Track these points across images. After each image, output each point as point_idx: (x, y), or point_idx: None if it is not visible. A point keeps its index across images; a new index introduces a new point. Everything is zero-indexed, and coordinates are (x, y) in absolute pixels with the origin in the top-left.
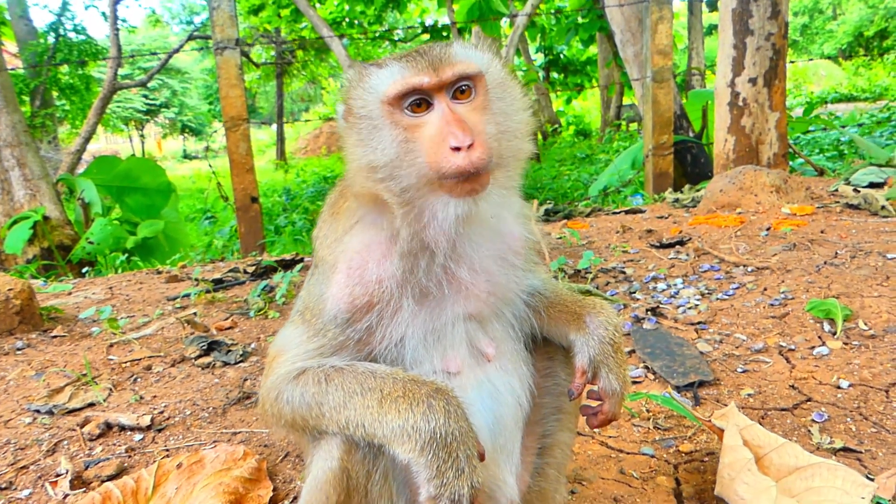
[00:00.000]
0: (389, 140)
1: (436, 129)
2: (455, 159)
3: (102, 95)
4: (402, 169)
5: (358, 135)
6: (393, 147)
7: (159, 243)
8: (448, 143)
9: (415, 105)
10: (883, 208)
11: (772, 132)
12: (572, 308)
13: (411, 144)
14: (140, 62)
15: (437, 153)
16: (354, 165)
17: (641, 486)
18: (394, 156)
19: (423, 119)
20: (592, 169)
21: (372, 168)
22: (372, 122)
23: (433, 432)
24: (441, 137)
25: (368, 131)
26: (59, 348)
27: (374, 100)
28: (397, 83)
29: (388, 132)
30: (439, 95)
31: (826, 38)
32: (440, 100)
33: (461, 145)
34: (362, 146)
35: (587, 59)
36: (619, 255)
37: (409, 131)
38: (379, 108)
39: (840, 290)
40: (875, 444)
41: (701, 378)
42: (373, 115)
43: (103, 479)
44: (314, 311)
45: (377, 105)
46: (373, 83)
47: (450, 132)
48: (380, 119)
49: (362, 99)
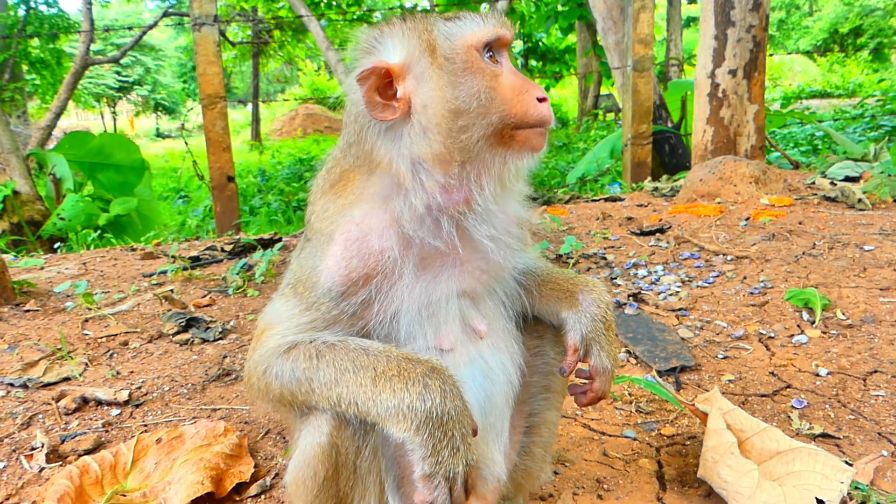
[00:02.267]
0: (480, 84)
1: (514, 80)
2: (542, 109)
3: (74, 70)
4: (489, 115)
5: (448, 79)
6: (484, 92)
7: (132, 221)
8: (534, 94)
9: (490, 56)
10: (860, 201)
11: (750, 124)
12: (564, 286)
13: (495, 92)
14: (113, 38)
15: (522, 102)
16: (439, 111)
17: (624, 469)
18: (484, 100)
19: (499, 70)
20: (570, 157)
21: (458, 113)
22: (461, 66)
23: (429, 412)
24: (524, 88)
25: (458, 75)
26: (32, 322)
27: (461, 44)
28: (487, 31)
29: (478, 76)
30: (505, 52)
31: (802, 34)
32: (506, 56)
33: (545, 97)
34: (452, 89)
35: (566, 48)
36: (600, 242)
37: (491, 79)
38: (466, 53)
39: (818, 280)
40: (853, 430)
41: (683, 363)
42: (461, 59)
43: (80, 453)
44: (307, 284)
45: (464, 49)
46: (457, 29)
47: (532, 85)
48: (470, 63)
49: (450, 41)
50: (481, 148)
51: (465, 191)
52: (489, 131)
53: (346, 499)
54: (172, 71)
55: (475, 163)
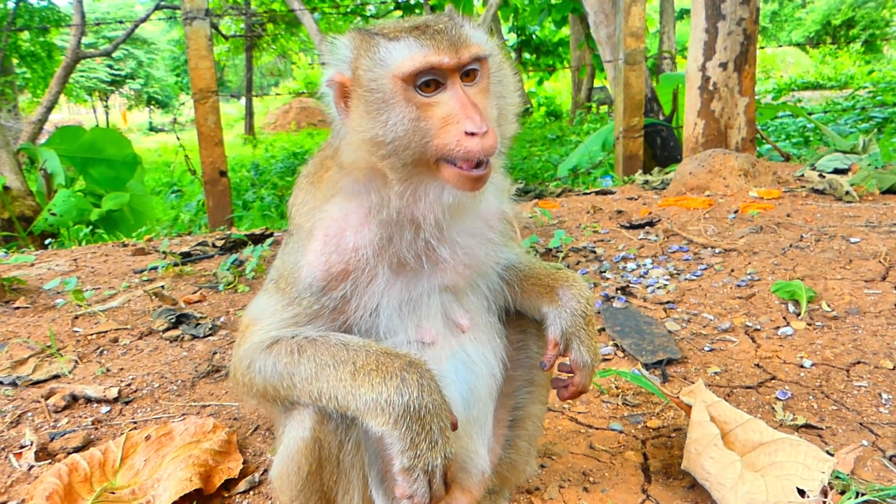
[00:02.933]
0: (400, 117)
1: (449, 111)
2: (469, 144)
3: (65, 64)
4: (409, 147)
5: (365, 107)
6: (403, 125)
7: (124, 216)
8: (463, 127)
9: (426, 85)
10: (847, 193)
11: (741, 117)
12: (545, 281)
13: (421, 123)
14: (105, 31)
15: (449, 136)
16: (356, 137)
17: (610, 461)
18: (402, 133)
19: (435, 99)
20: (563, 150)
21: (377, 143)
22: (382, 97)
23: (406, 406)
24: (455, 120)
25: (377, 105)
26: (21, 319)
27: (385, 74)
28: (415, 60)
29: (399, 109)
30: (453, 76)
31: (795, 26)
32: (453, 81)
33: (478, 131)
34: (369, 119)
35: (559, 41)
36: (590, 235)
37: (421, 110)
38: (391, 84)
39: (805, 273)
40: (835, 421)
41: (669, 356)
42: (383, 90)
43: (69, 450)
44: (289, 280)
45: (389, 80)
46: (385, 56)
47: (466, 116)
48: (391, 94)
49: (372, 71)
50: (413, 172)
51: (411, 209)
52: (419, 161)
53: (330, 493)
54: (165, 64)
55: (411, 184)
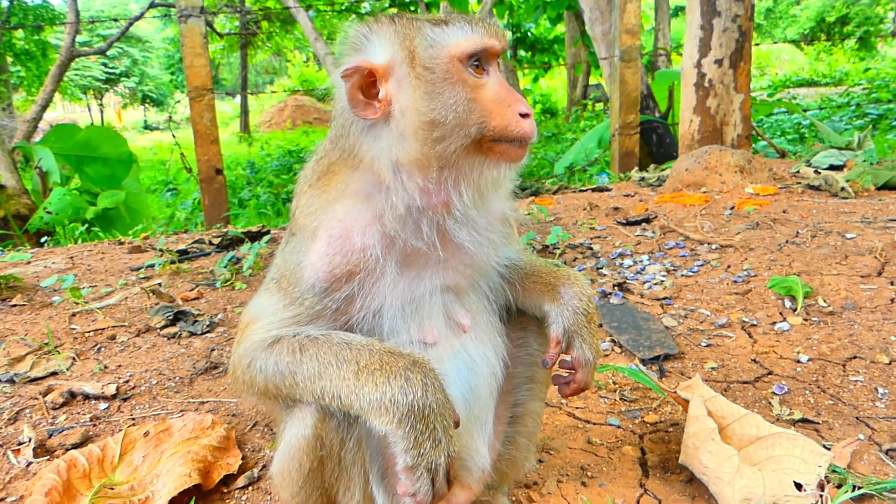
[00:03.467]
0: (459, 96)
1: (498, 93)
2: (524, 125)
3: (60, 62)
4: (465, 127)
5: (424, 88)
6: (462, 104)
7: (120, 214)
8: (517, 109)
9: (476, 67)
10: (843, 189)
11: (736, 113)
12: (547, 279)
13: (475, 104)
14: (99, 29)
15: (504, 116)
16: (414, 121)
17: (608, 456)
18: (461, 112)
19: (483, 81)
20: (559, 147)
21: (434, 124)
22: (439, 77)
23: (411, 405)
24: (507, 102)
25: (435, 85)
26: (18, 317)
27: (444, 53)
28: (473, 41)
29: (458, 88)
30: (494, 62)
31: (789, 23)
32: (494, 66)
33: (529, 112)
34: (429, 100)
35: (555, 38)
36: (587, 232)
37: (473, 90)
38: (448, 63)
39: (801, 268)
40: (832, 415)
41: (666, 351)
42: (441, 69)
43: (68, 447)
44: (291, 280)
45: (446, 59)
46: (441, 37)
47: (516, 99)
48: (449, 74)
49: (431, 50)
50: (459, 156)
51: (444, 195)
52: (467, 142)
53: (331, 490)
54: (160, 62)
55: (452, 170)
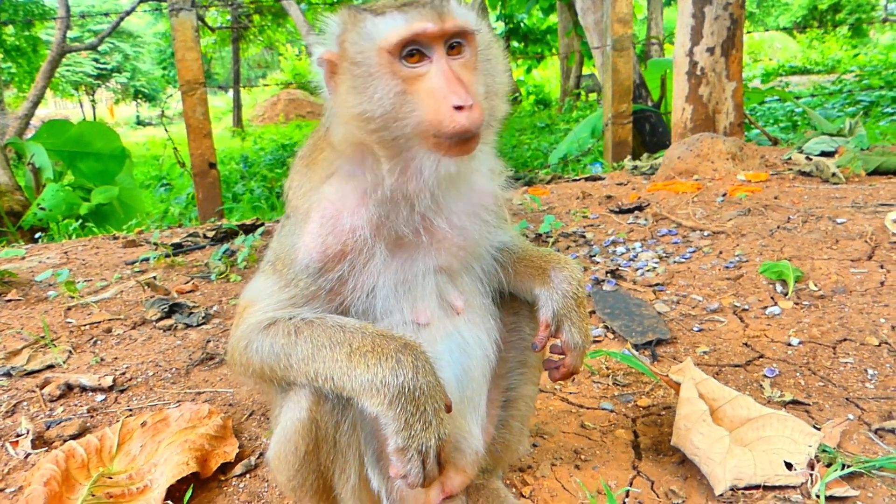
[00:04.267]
0: (386, 90)
1: (435, 84)
2: (458, 118)
3: (51, 58)
4: (397, 121)
5: (352, 82)
6: (389, 98)
7: (114, 210)
8: (450, 101)
9: (410, 56)
10: (834, 175)
11: (728, 101)
12: (538, 263)
13: (408, 97)
14: (90, 24)
15: (438, 110)
16: (345, 113)
17: (601, 439)
18: (390, 107)
19: (420, 71)
20: (552, 138)
21: (365, 118)
22: (368, 70)
23: (401, 387)
24: (442, 94)
25: (364, 79)
26: (14, 312)
27: (371, 47)
28: (399, 30)
29: (386, 82)
30: (438, 48)
31: (782, 11)
32: (439, 53)
33: (464, 104)
34: (356, 94)
35: (547, 28)
36: (580, 220)
37: (407, 83)
38: (377, 56)
39: (792, 253)
40: (822, 396)
41: (658, 336)
42: (369, 63)
43: (65, 438)
44: (285, 262)
45: (375, 52)
46: (370, 29)
47: (452, 90)
48: (377, 67)
49: (358, 44)
50: (404, 147)
51: (405, 185)
52: (408, 134)
53: (326, 472)
54: (151, 57)
55: (402, 160)
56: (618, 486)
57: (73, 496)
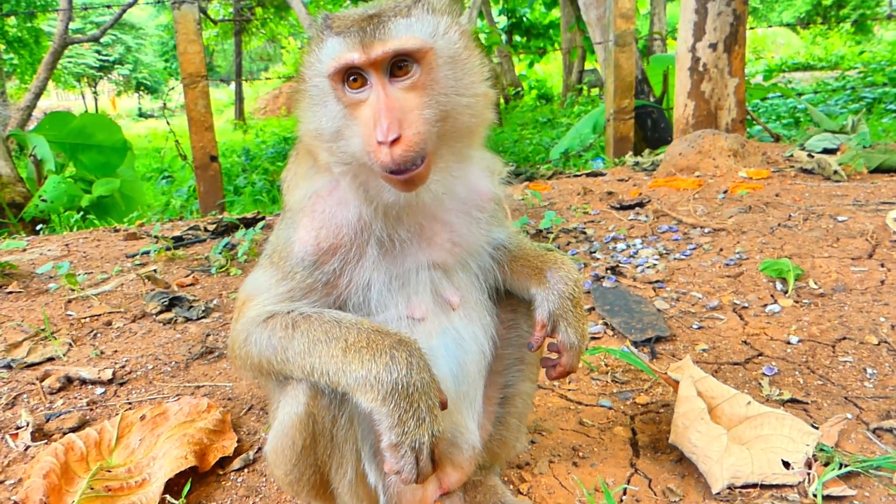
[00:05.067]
0: (332, 113)
1: (369, 114)
2: (381, 155)
3: (53, 50)
4: (344, 145)
5: (308, 100)
6: (335, 121)
7: (115, 202)
8: (375, 136)
9: (352, 81)
10: (835, 173)
11: (731, 98)
12: (534, 262)
13: (351, 122)
14: (92, 16)
15: (367, 142)
16: (303, 128)
17: (599, 436)
18: (335, 130)
19: (362, 97)
20: (554, 133)
21: (317, 135)
22: (318, 91)
23: (395, 383)
24: (371, 125)
25: (315, 99)
26: (14, 304)
27: (318, 72)
28: (334, 59)
29: (331, 105)
30: (376, 73)
31: (785, 6)
32: (376, 78)
33: (385, 140)
34: (310, 112)
35: (550, 23)
36: (580, 216)
37: (350, 108)
38: (323, 81)
39: (792, 251)
40: (821, 395)
41: (658, 334)
42: (319, 86)
43: (65, 431)
44: (282, 255)
45: (322, 78)
46: (320, 53)
47: (378, 122)
48: (325, 90)
49: (312, 68)
50: (361, 171)
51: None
52: (356, 160)
53: (324, 467)
54: (154, 50)
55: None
56: (615, 483)
57: (72, 489)
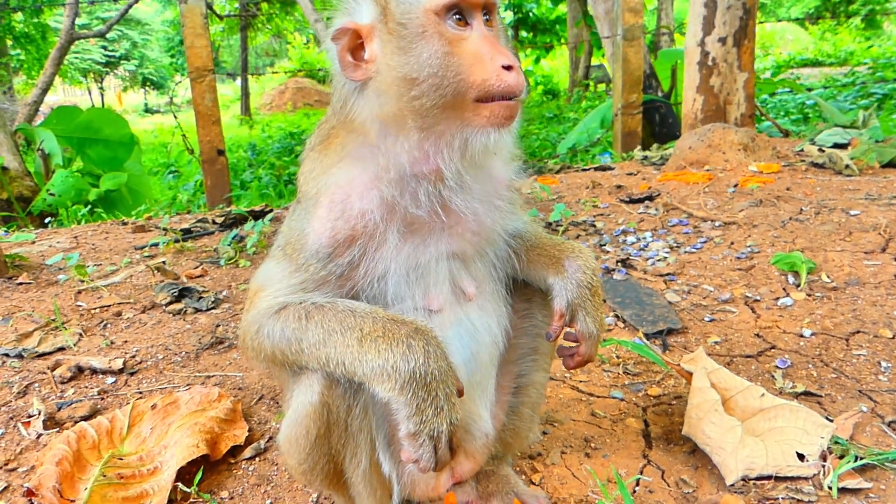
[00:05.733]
0: (433, 50)
1: (479, 47)
2: (507, 77)
3: (59, 45)
4: (443, 84)
5: (397, 43)
6: (437, 59)
7: (122, 196)
8: (498, 61)
9: (458, 19)
10: (847, 167)
11: (740, 92)
12: (551, 252)
13: (454, 59)
14: (98, 11)
15: (485, 70)
16: (389, 76)
17: (611, 428)
18: (437, 68)
19: (464, 34)
20: (561, 128)
21: (409, 80)
22: (414, 31)
23: (412, 372)
24: (489, 55)
25: (410, 40)
26: (25, 295)
27: (419, 8)
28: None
29: (433, 43)
30: (477, 14)
31: (794, 2)
32: (478, 19)
33: (513, 64)
34: (401, 55)
35: (556, 18)
36: (590, 210)
37: (452, 45)
38: (423, 17)
39: (804, 245)
40: (835, 388)
41: (669, 326)
42: (415, 24)
43: (76, 419)
44: (296, 246)
45: (421, 13)
46: None
47: (498, 51)
48: (423, 27)
49: (405, 5)
50: (439, 118)
51: (434, 162)
52: (447, 100)
53: (337, 456)
54: (160, 45)
55: (436, 133)
56: (628, 474)
57: (85, 476)
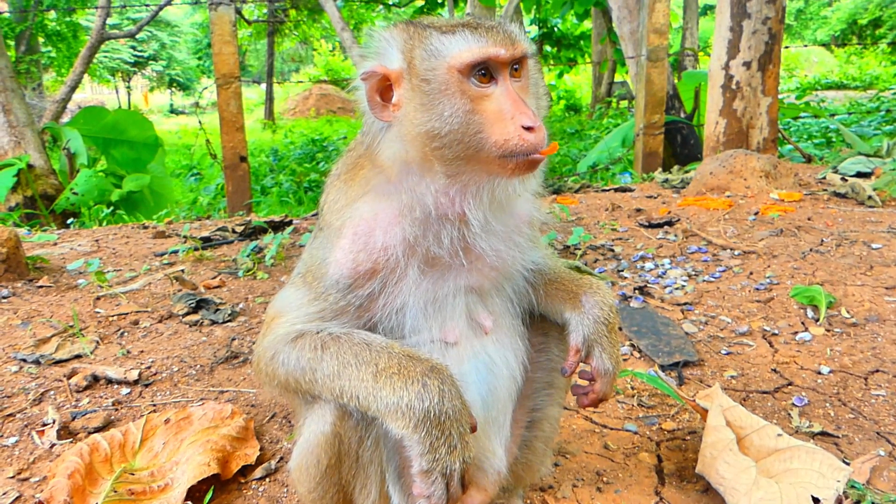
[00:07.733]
0: (455, 109)
1: (502, 105)
2: (528, 137)
3: (90, 44)
4: (464, 140)
5: (420, 99)
6: (459, 117)
7: (144, 198)
8: (519, 122)
9: (482, 76)
10: (870, 198)
11: (763, 117)
12: (569, 286)
13: (476, 116)
14: (129, 12)
15: (506, 130)
16: (411, 130)
17: (624, 462)
18: (458, 125)
19: (487, 91)
20: (582, 145)
21: (432, 135)
22: (437, 87)
23: (427, 411)
24: (510, 115)
25: (433, 96)
26: (45, 298)
27: (442, 64)
28: (473, 51)
29: (455, 100)
30: (504, 71)
31: (820, 24)
32: (504, 76)
33: (534, 125)
34: (425, 111)
35: (581, 34)
36: (608, 233)
37: (475, 102)
38: (447, 74)
39: (824, 278)
40: (852, 429)
41: (686, 358)
42: (439, 80)
43: (90, 430)
44: (316, 275)
45: (445, 71)
46: (441, 47)
47: (520, 111)
48: (446, 85)
49: (428, 61)
50: (463, 168)
51: (458, 206)
52: (470, 154)
53: (347, 487)
54: (188, 47)
55: (462, 180)
56: None
57: (96, 490)
